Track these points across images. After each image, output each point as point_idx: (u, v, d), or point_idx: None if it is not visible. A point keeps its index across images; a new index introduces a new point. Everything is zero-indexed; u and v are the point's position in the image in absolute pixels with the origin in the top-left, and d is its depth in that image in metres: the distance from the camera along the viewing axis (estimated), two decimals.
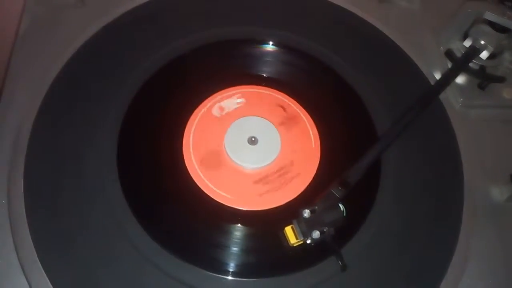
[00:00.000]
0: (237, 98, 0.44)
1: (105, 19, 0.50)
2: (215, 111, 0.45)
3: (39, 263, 0.37)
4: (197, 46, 0.49)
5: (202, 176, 0.43)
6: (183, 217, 0.42)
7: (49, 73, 0.46)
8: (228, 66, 0.50)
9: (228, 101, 0.45)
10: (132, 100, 0.46)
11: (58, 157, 0.42)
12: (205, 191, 0.42)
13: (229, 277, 0.38)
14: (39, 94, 0.45)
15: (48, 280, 0.37)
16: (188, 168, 0.43)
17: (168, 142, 0.45)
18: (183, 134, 0.45)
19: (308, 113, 0.47)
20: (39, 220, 0.39)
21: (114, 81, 0.46)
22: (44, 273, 0.37)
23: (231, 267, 0.39)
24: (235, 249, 0.40)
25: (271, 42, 0.51)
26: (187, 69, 0.49)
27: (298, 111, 0.47)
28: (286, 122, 0.46)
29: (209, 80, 0.48)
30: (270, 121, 0.46)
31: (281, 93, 0.48)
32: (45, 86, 0.45)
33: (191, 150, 0.44)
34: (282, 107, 0.46)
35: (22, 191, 0.40)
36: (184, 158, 0.44)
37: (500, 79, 0.50)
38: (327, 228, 0.38)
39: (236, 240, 0.41)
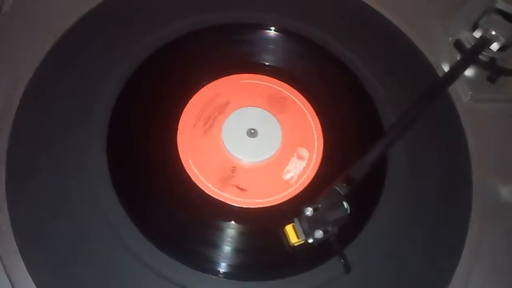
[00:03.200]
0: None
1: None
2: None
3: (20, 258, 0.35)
4: (186, 32, 0.47)
5: (195, 170, 0.41)
6: (176, 214, 0.39)
7: (35, 55, 0.43)
8: (223, 53, 0.47)
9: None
10: (122, 87, 0.43)
11: (43, 146, 0.40)
12: (198, 185, 0.40)
13: (223, 278, 0.36)
14: (23, 78, 0.42)
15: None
16: (182, 160, 0.41)
17: (161, 135, 0.42)
18: (177, 127, 0.42)
19: (311, 105, 0.45)
20: (22, 219, 0.37)
21: (103, 66, 0.44)
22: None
23: (225, 268, 0.37)
24: (230, 248, 0.38)
25: (273, 28, 0.48)
26: (177, 58, 0.46)
27: (299, 102, 0.45)
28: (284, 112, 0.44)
29: (200, 70, 0.45)
30: (270, 112, 0.44)
31: (281, 82, 0.46)
32: (30, 70, 0.43)
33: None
34: (279, 99, 0.45)
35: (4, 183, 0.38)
36: (179, 151, 0.42)
37: (511, 72, 0.47)
38: (330, 227, 0.36)
39: (232, 239, 0.39)
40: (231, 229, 0.39)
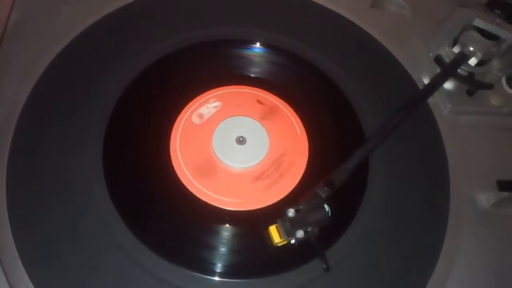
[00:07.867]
0: (213, 102, 0.44)
1: (94, 16, 0.50)
2: (195, 119, 0.44)
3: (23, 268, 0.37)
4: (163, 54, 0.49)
5: (189, 175, 0.43)
6: (172, 219, 0.41)
7: (37, 68, 0.46)
8: (204, 68, 0.49)
9: (204, 107, 0.44)
10: (116, 102, 0.45)
11: (43, 157, 0.41)
12: (191, 191, 0.42)
13: (216, 278, 0.38)
14: (25, 90, 0.44)
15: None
16: (177, 171, 0.43)
17: (155, 152, 0.44)
18: (169, 143, 0.44)
19: (297, 115, 0.47)
20: (22, 226, 0.38)
21: (98, 83, 0.46)
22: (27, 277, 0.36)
23: (218, 268, 0.39)
24: (221, 249, 0.40)
25: (258, 43, 0.51)
26: (171, 71, 0.49)
27: (287, 112, 0.47)
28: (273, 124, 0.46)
29: (182, 86, 0.47)
30: (254, 119, 0.46)
31: (266, 92, 0.48)
32: (31, 82, 0.45)
33: (179, 155, 0.44)
34: (260, 102, 0.47)
35: (5, 191, 0.39)
36: (173, 163, 0.43)
37: (488, 86, 0.50)
38: (311, 227, 0.38)
39: (223, 241, 0.40)
40: (224, 232, 0.41)
